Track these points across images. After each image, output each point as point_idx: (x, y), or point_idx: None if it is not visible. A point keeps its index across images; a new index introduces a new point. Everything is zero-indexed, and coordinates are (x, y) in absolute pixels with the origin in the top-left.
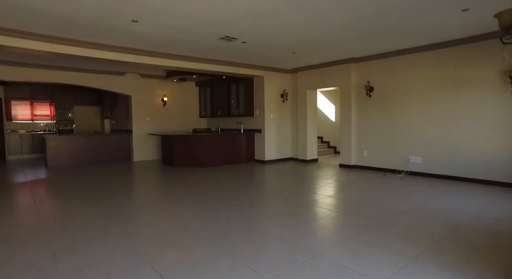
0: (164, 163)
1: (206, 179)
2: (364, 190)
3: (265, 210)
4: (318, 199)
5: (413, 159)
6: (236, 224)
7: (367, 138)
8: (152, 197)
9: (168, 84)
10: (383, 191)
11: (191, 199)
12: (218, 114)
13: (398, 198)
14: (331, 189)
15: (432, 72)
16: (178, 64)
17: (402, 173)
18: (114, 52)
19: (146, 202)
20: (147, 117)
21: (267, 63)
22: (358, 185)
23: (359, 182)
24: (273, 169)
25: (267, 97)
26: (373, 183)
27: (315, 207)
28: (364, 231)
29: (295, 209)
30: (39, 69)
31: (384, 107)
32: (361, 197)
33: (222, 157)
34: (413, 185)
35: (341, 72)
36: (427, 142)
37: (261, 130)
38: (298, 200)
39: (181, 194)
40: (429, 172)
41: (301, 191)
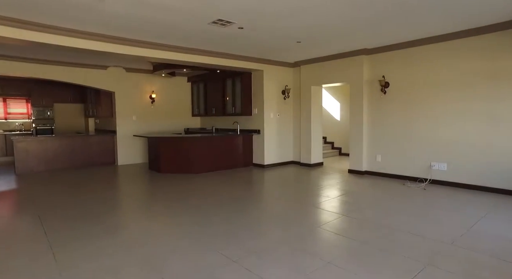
0: (150, 169)
1: (196, 190)
2: (382, 205)
3: (265, 240)
4: (327, 220)
5: (437, 166)
6: (228, 269)
7: (381, 141)
8: (115, 222)
9: (156, 79)
10: (407, 207)
11: (170, 225)
12: (213, 113)
13: (429, 219)
14: (343, 205)
15: (461, 64)
16: (165, 56)
17: (425, 183)
18: (88, 40)
19: (102, 230)
20: (133, 116)
21: (266, 55)
22: (373, 198)
23: (375, 194)
24: (274, 176)
25: (266, 93)
26: (392, 195)
27: (324, 234)
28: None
29: (299, 241)
30: (9, 62)
31: (401, 105)
32: (381, 217)
33: (217, 161)
34: (441, 199)
35: (351, 65)
36: (454, 146)
37: (260, 131)
38: (303, 222)
39: (159, 216)
40: (456, 181)
41: (307, 207)
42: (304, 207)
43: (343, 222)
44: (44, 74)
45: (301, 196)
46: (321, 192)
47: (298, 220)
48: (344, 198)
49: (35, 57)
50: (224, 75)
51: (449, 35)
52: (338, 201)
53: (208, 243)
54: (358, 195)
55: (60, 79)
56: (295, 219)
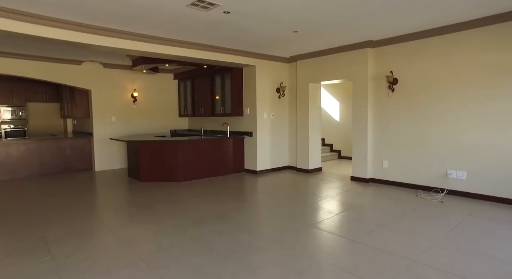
0: (130, 176)
1: (177, 203)
2: (397, 225)
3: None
4: (331, 249)
5: (454, 174)
6: None
7: (388, 145)
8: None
9: (139, 76)
10: (428, 228)
11: (129, 255)
12: (201, 113)
13: (460, 247)
14: (348, 224)
15: (484, 57)
16: (141, 48)
17: (441, 194)
18: (49, 27)
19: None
20: (113, 117)
21: (259, 48)
22: (384, 214)
23: (385, 208)
24: (267, 185)
25: (259, 92)
26: (405, 209)
27: (328, 272)
28: None
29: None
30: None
31: (412, 105)
32: (399, 243)
33: (203, 168)
34: (465, 216)
35: (355, 59)
36: (476, 152)
37: (252, 133)
38: (301, 252)
39: (123, 247)
40: (478, 193)
41: (305, 229)
42: (302, 228)
43: (351, 252)
44: (7, 69)
45: (298, 212)
46: (321, 206)
47: (294, 248)
48: (349, 215)
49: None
50: (213, 71)
51: (471, 23)
52: (342, 219)
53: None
54: (365, 211)
55: (26, 75)
56: (290, 246)
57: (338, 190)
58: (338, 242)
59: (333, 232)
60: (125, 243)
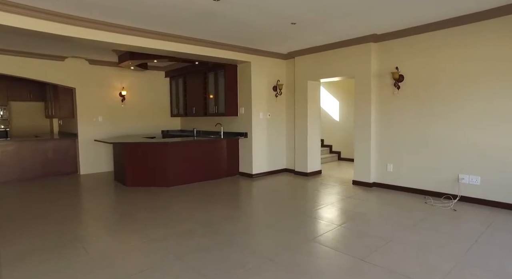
0: (116, 180)
1: (164, 212)
2: (409, 239)
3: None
4: (335, 272)
5: (467, 179)
6: None
7: (393, 147)
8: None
9: (127, 73)
10: (444, 240)
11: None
12: (193, 113)
13: (491, 265)
14: (353, 239)
15: (496, 51)
16: (127, 41)
17: (453, 201)
18: (24, 17)
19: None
20: (99, 117)
21: (254, 43)
22: (392, 225)
23: (392, 218)
24: (263, 190)
25: (255, 90)
26: (415, 219)
27: None
28: None
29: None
30: None
31: (419, 104)
32: (417, 263)
33: (195, 171)
34: (483, 227)
35: (357, 55)
36: (490, 155)
37: (247, 134)
38: (300, 275)
39: (86, 269)
40: (494, 200)
41: (305, 245)
42: (301, 243)
43: (360, 275)
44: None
45: (297, 223)
46: (321, 215)
47: (292, 269)
48: (353, 226)
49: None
50: (205, 68)
51: (488, 13)
52: (346, 231)
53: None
54: (371, 221)
55: (2, 71)
56: (288, 266)
57: (340, 196)
58: (343, 261)
59: (337, 248)
60: (95, 263)
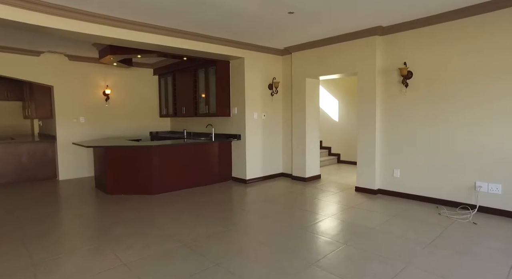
0: (97, 187)
1: (142, 225)
2: (431, 263)
3: None
4: None
5: (486, 187)
6: None
7: (400, 151)
8: None
9: (112, 71)
10: (473, 265)
11: None
12: (183, 113)
13: None
14: (364, 260)
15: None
16: (106, 33)
17: (472, 212)
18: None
19: None
20: (81, 117)
21: (248, 36)
22: (407, 242)
23: (406, 233)
24: (257, 198)
25: (249, 88)
26: (431, 234)
27: None
28: None
29: None
30: None
31: (430, 103)
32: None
33: (183, 177)
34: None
35: (360, 49)
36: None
37: (240, 136)
38: None
39: None
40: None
41: (304, 272)
42: (300, 268)
43: None
44: None
45: (294, 241)
46: (322, 230)
47: None
48: (361, 244)
49: None
50: (196, 64)
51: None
52: (352, 252)
53: None
54: (380, 237)
55: None
56: None
57: (342, 205)
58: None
59: (344, 276)
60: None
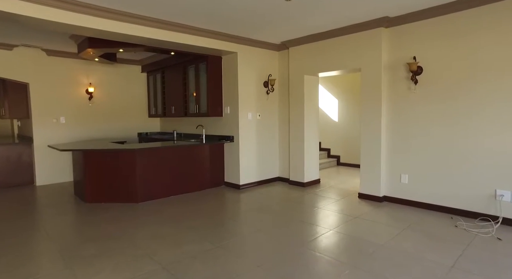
0: (76, 194)
1: (118, 243)
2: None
3: None
4: None
5: (508, 196)
6: None
7: (409, 154)
8: None
9: (96, 67)
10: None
11: None
12: (172, 113)
13: None
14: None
15: None
16: (84, 23)
17: (495, 226)
18: None
19: None
20: (61, 118)
21: (242, 28)
22: (428, 264)
23: (422, 252)
24: (251, 206)
25: (242, 86)
26: (452, 252)
27: None
28: None
29: None
30: None
31: (443, 102)
32: None
33: (171, 183)
34: None
35: (364, 43)
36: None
37: (233, 138)
38: None
39: None
40: None
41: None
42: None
43: None
44: None
45: (294, 262)
46: (325, 248)
47: None
48: (372, 268)
49: None
50: (185, 60)
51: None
52: (363, 272)
53: None
54: (393, 258)
55: None
56: None
57: (345, 215)
58: None
59: None
60: None
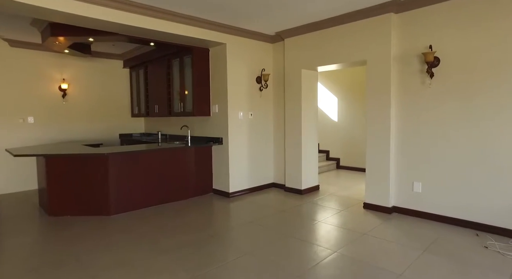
0: (41, 205)
1: (74, 266)
2: None
3: None
4: None
5: None
6: None
7: (423, 159)
8: None
9: (70, 61)
10: None
11: None
12: (155, 112)
13: None
14: None
15: None
16: (46, 3)
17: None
18: None
19: None
20: (29, 117)
21: (229, 15)
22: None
23: (445, 277)
24: (242, 218)
25: (232, 82)
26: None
27: None
28: None
29: None
30: None
31: (466, 98)
32: None
33: (151, 192)
34: None
35: (370, 31)
36: None
37: (222, 140)
38: None
39: None
40: None
41: None
42: None
43: None
44: None
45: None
46: (329, 275)
47: None
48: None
49: None
50: (169, 53)
51: None
52: None
53: None
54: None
55: None
56: None
57: (350, 231)
58: None
59: None
60: None
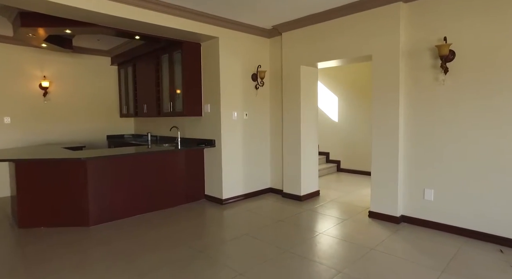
0: (13, 215)
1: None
2: None
3: None
4: None
5: None
6: None
7: (435, 164)
8: None
9: (52, 57)
10: None
11: None
12: (144, 112)
13: None
14: None
15: None
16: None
17: None
18: None
19: None
20: (5, 117)
21: (223, 7)
22: None
23: None
24: (235, 229)
25: (225, 79)
26: None
27: None
28: None
29: None
30: None
31: (487, 95)
32: None
33: (136, 199)
34: None
35: (377, 23)
36: None
37: (215, 142)
38: None
39: None
40: None
41: None
42: None
43: None
44: None
45: None
46: None
47: None
48: None
49: None
50: (158, 48)
51: None
52: None
53: None
54: None
55: None
56: None
57: (355, 245)
58: None
59: None
60: None
